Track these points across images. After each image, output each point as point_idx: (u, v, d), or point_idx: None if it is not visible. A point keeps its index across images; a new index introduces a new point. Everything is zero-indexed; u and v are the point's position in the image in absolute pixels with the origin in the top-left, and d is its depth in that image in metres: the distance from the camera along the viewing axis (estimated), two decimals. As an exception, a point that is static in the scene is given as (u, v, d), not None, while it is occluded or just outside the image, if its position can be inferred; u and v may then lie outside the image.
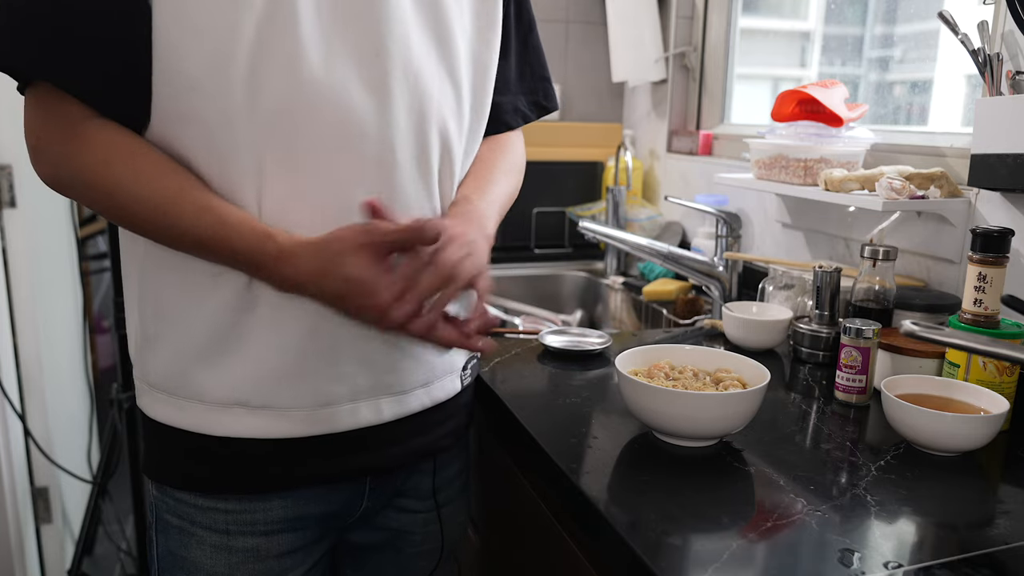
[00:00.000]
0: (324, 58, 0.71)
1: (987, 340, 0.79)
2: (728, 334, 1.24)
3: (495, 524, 1.10)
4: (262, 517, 0.80)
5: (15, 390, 1.82)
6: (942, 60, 1.35)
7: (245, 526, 0.80)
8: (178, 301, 0.76)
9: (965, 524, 0.73)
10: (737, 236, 1.49)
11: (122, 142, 0.71)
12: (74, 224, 2.32)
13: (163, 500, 0.82)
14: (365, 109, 0.73)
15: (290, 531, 0.82)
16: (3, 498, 1.75)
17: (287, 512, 0.81)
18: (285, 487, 0.81)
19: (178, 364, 0.77)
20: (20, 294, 1.83)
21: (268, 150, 0.72)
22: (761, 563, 0.65)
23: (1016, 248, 1.04)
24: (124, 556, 2.15)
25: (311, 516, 0.83)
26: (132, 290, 0.81)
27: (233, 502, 0.79)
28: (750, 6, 1.81)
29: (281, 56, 0.70)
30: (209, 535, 0.80)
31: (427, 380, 0.85)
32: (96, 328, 3.19)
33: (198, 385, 0.77)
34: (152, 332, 0.78)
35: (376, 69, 0.74)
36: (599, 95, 2.15)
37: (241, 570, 0.81)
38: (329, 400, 0.79)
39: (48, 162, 0.72)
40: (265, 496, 0.80)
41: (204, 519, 0.80)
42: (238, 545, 0.80)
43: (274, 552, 0.82)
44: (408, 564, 0.95)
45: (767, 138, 1.36)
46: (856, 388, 1.00)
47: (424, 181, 0.79)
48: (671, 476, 0.80)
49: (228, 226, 0.70)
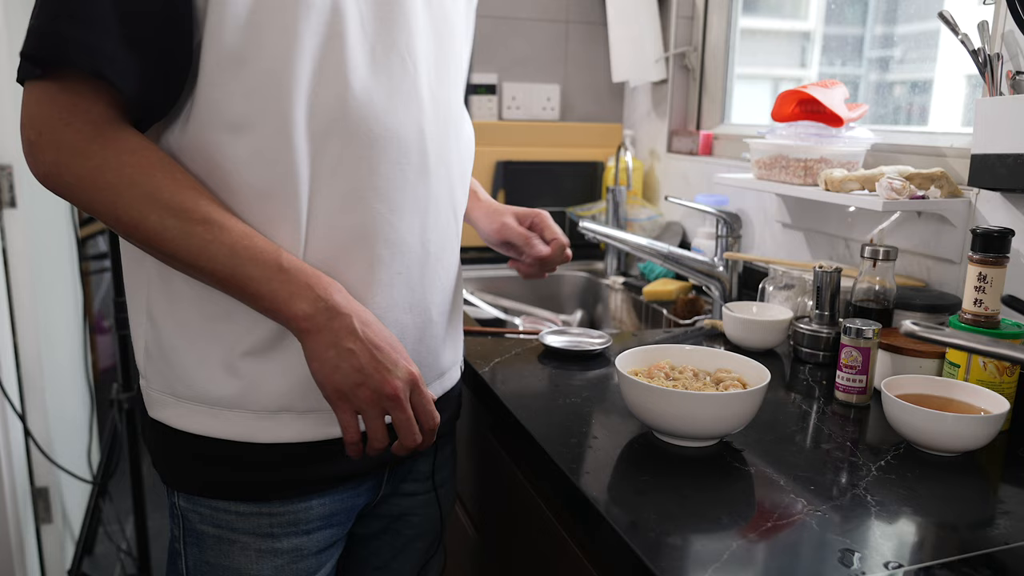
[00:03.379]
0: (369, 71, 0.74)
1: (987, 340, 0.79)
2: (728, 334, 1.24)
3: (495, 524, 1.10)
4: (303, 516, 0.81)
5: (15, 390, 1.82)
6: (942, 60, 1.35)
7: (288, 527, 0.81)
8: (217, 310, 0.75)
9: (965, 524, 0.73)
10: (737, 236, 1.49)
11: (152, 150, 0.70)
12: (74, 224, 2.32)
13: (195, 511, 0.81)
14: (403, 120, 0.77)
15: (327, 527, 0.84)
16: (3, 498, 1.75)
17: (324, 509, 0.83)
18: (324, 487, 0.82)
19: (220, 375, 0.76)
20: (20, 294, 1.83)
21: (318, 159, 0.73)
22: (761, 563, 0.65)
23: (1016, 248, 1.03)
24: (124, 556, 2.15)
25: (343, 511, 0.85)
26: (144, 298, 0.79)
27: (276, 505, 0.80)
28: (750, 6, 1.81)
29: (332, 67, 0.72)
30: (253, 540, 0.80)
31: (441, 371, 0.91)
32: (96, 328, 3.19)
33: (244, 394, 0.76)
34: (184, 344, 0.77)
35: (407, 81, 0.77)
36: (599, 95, 2.15)
37: (286, 571, 0.82)
38: None
39: (50, 159, 0.69)
40: (306, 497, 0.81)
41: (246, 525, 0.80)
42: (283, 547, 0.81)
43: (313, 549, 0.83)
44: (406, 547, 0.97)
45: (767, 138, 1.36)
46: (856, 388, 1.00)
47: (448, 185, 0.84)
48: (671, 476, 0.80)
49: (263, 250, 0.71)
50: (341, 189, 0.75)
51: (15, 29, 1.81)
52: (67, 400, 2.23)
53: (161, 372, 0.79)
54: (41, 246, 2.00)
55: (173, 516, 0.83)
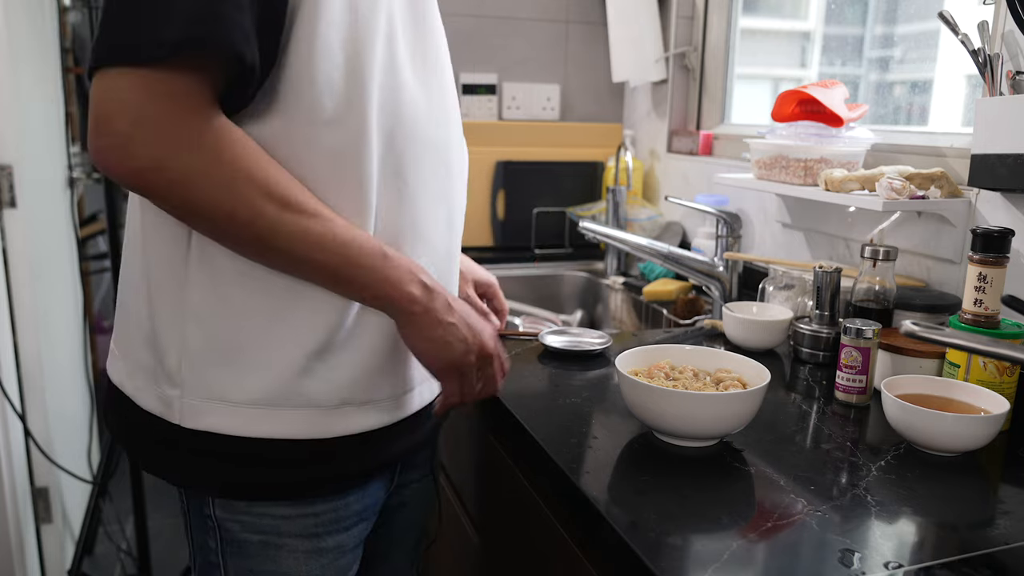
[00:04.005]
0: (412, 74, 0.77)
1: (987, 340, 0.79)
2: (728, 334, 1.24)
3: (495, 524, 1.10)
4: (343, 513, 0.82)
5: (15, 390, 1.82)
6: (942, 60, 1.35)
7: (331, 524, 0.81)
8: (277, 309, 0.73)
9: (965, 524, 0.73)
10: (737, 236, 1.49)
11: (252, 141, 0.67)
12: (74, 224, 2.32)
13: (235, 519, 0.78)
14: (439, 126, 0.81)
15: (361, 522, 0.85)
16: (3, 498, 1.75)
17: (359, 505, 0.84)
18: (363, 480, 0.83)
19: (287, 373, 0.74)
20: (20, 294, 1.83)
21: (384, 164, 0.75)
22: (761, 563, 0.65)
23: (1016, 248, 1.03)
24: (124, 556, 2.15)
25: (373, 504, 0.86)
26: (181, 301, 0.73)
27: (319, 504, 0.80)
28: (750, 6, 1.81)
29: (392, 66, 0.74)
30: (301, 542, 0.80)
31: None
32: (96, 328, 3.19)
33: (311, 390, 0.75)
34: (246, 343, 0.73)
35: (439, 89, 0.81)
36: (599, 95, 2.15)
37: (330, 569, 0.82)
38: (408, 385, 0.82)
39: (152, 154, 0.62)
40: (345, 493, 0.82)
41: (293, 528, 0.79)
42: (327, 545, 0.82)
43: (351, 545, 0.85)
44: (402, 537, 0.98)
45: (767, 138, 1.36)
46: (856, 388, 0.99)
47: (461, 188, 0.88)
48: (671, 476, 0.80)
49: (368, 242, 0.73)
50: (398, 189, 0.77)
51: (15, 29, 1.81)
52: (67, 400, 2.23)
53: (209, 377, 0.74)
54: (41, 246, 2.00)
55: (207, 528, 0.80)
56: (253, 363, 0.73)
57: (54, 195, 2.23)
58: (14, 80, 1.75)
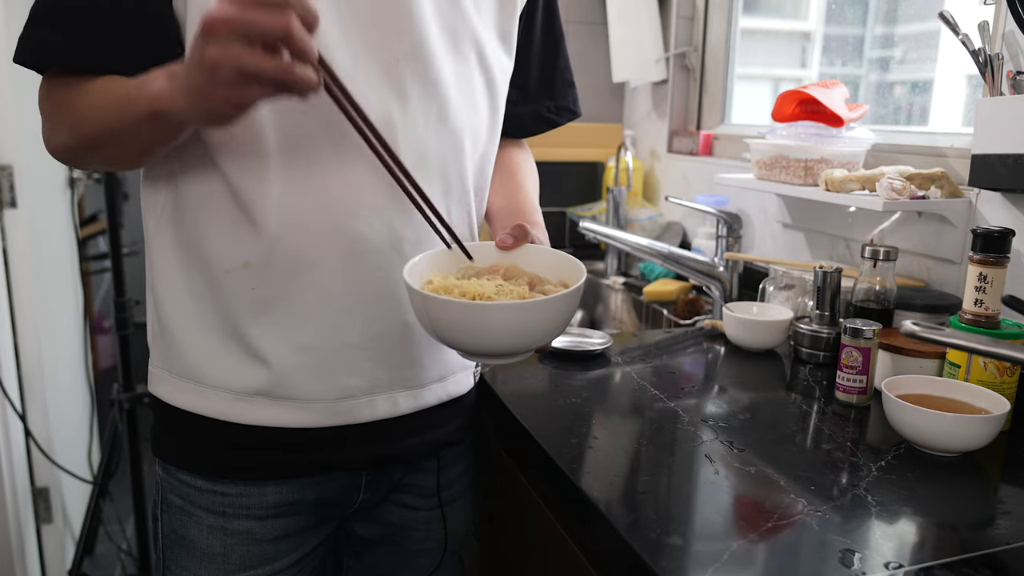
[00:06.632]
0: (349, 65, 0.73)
1: (988, 340, 0.79)
2: (729, 334, 1.24)
3: (495, 524, 1.10)
4: (256, 502, 0.83)
5: (15, 390, 1.82)
6: (942, 60, 1.35)
7: (240, 509, 0.83)
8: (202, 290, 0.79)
9: (966, 524, 0.73)
10: (737, 236, 1.49)
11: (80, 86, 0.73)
12: (74, 224, 2.32)
13: (168, 480, 0.86)
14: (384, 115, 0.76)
15: (283, 516, 0.85)
16: (3, 498, 1.75)
17: (280, 498, 0.84)
18: (283, 475, 0.84)
19: (209, 355, 0.80)
20: (20, 294, 1.83)
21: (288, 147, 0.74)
22: (761, 563, 0.65)
23: (1017, 248, 1.03)
24: (124, 556, 2.15)
25: (304, 502, 0.85)
26: (151, 281, 0.84)
27: (229, 485, 0.83)
28: (750, 6, 1.81)
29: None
30: (207, 516, 0.83)
31: (442, 375, 0.89)
32: (96, 328, 3.19)
33: (228, 375, 0.80)
34: (172, 324, 0.81)
35: (396, 76, 0.76)
36: (599, 95, 2.15)
37: (236, 551, 0.84)
38: (349, 393, 0.82)
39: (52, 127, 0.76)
40: (261, 482, 0.83)
41: (203, 501, 0.83)
42: (233, 527, 0.83)
43: (268, 536, 0.84)
44: (409, 560, 0.96)
45: (767, 138, 1.36)
46: (857, 388, 0.99)
47: (443, 185, 0.83)
48: (671, 476, 0.80)
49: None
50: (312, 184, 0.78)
51: (15, 29, 1.81)
52: (67, 400, 2.23)
53: (161, 350, 0.84)
54: (41, 246, 2.00)
55: (156, 484, 0.88)
56: (175, 340, 0.81)
57: (54, 195, 2.23)
58: (14, 80, 1.75)
